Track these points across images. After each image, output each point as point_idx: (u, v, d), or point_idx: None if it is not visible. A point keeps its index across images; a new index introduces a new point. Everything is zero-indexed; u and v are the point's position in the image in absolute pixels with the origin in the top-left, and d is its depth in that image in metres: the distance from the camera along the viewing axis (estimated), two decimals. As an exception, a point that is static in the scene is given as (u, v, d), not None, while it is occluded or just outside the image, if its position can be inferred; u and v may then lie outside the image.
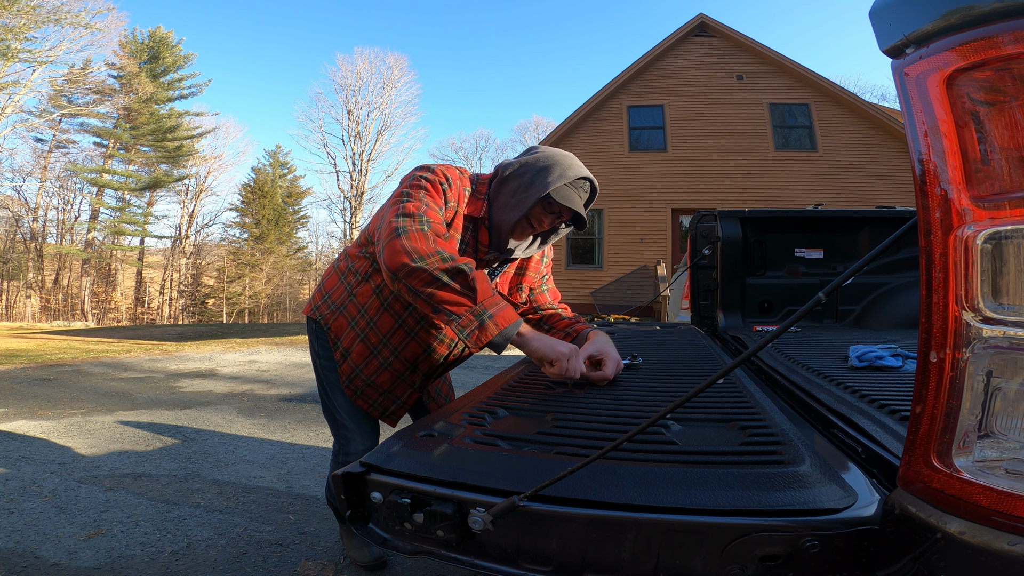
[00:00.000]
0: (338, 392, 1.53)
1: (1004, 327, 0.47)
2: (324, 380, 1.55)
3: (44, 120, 24.68)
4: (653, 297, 9.05)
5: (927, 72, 0.51)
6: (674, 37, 13.49)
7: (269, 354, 7.65)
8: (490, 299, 1.07)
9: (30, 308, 25.52)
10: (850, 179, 12.35)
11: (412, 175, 1.28)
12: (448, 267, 1.06)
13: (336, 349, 1.49)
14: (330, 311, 1.50)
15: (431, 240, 1.10)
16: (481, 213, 1.33)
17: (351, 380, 1.48)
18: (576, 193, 1.30)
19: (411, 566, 1.83)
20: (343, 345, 1.47)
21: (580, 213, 1.29)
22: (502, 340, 1.07)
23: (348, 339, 1.46)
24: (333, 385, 1.53)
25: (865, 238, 2.46)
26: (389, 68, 30.38)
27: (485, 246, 1.36)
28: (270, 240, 31.57)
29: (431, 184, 1.25)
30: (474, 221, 1.34)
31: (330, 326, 1.49)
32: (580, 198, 1.31)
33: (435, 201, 1.23)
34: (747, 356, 0.63)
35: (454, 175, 1.30)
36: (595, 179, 1.34)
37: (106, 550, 1.91)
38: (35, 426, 3.59)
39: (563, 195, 1.27)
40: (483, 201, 1.34)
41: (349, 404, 1.53)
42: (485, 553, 0.67)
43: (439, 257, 1.07)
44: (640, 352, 1.41)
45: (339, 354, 1.48)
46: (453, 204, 1.28)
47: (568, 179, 1.26)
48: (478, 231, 1.35)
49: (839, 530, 0.55)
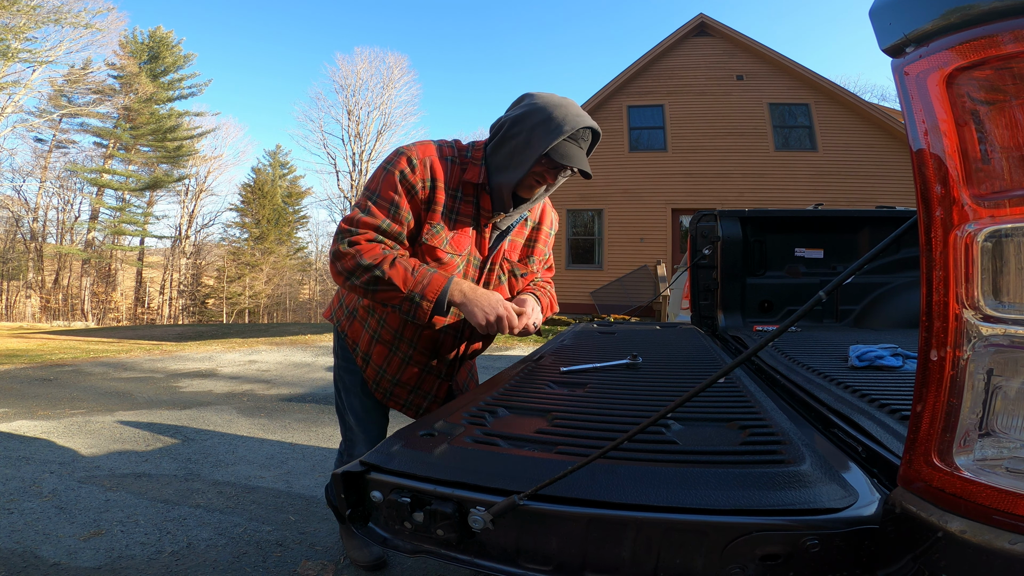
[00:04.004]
0: (351, 395, 1.54)
1: (1004, 325, 0.47)
2: (338, 381, 1.59)
3: (44, 120, 24.72)
4: (653, 297, 9.06)
5: (927, 71, 0.51)
6: (674, 37, 13.49)
7: (269, 354, 7.64)
8: (410, 282, 1.20)
9: (30, 308, 25.52)
10: (850, 179, 12.35)
11: (380, 165, 1.30)
12: (368, 278, 1.21)
13: (356, 355, 1.49)
14: (345, 316, 1.51)
15: (356, 256, 1.21)
16: (480, 179, 1.30)
17: (378, 383, 1.49)
18: (576, 145, 1.24)
19: (411, 566, 1.83)
20: (362, 349, 1.48)
21: (584, 170, 1.24)
22: (441, 306, 1.22)
23: (364, 342, 1.47)
24: (347, 388, 1.55)
25: (865, 238, 2.46)
26: (389, 68, 30.38)
27: (488, 211, 1.34)
28: (270, 240, 31.58)
29: (387, 179, 1.26)
30: (475, 187, 1.32)
31: (346, 332, 1.50)
32: (581, 148, 1.25)
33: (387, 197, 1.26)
34: (747, 356, 0.63)
35: (421, 153, 1.28)
36: (596, 125, 1.28)
37: (106, 550, 1.91)
38: (35, 426, 3.59)
39: (563, 152, 1.21)
40: (480, 167, 1.31)
41: (360, 408, 1.54)
42: (485, 552, 0.67)
43: (361, 269, 1.21)
44: (640, 352, 1.40)
45: (360, 359, 1.49)
46: (422, 184, 1.26)
47: (566, 133, 1.20)
48: (479, 196, 1.33)
49: (840, 529, 0.55)
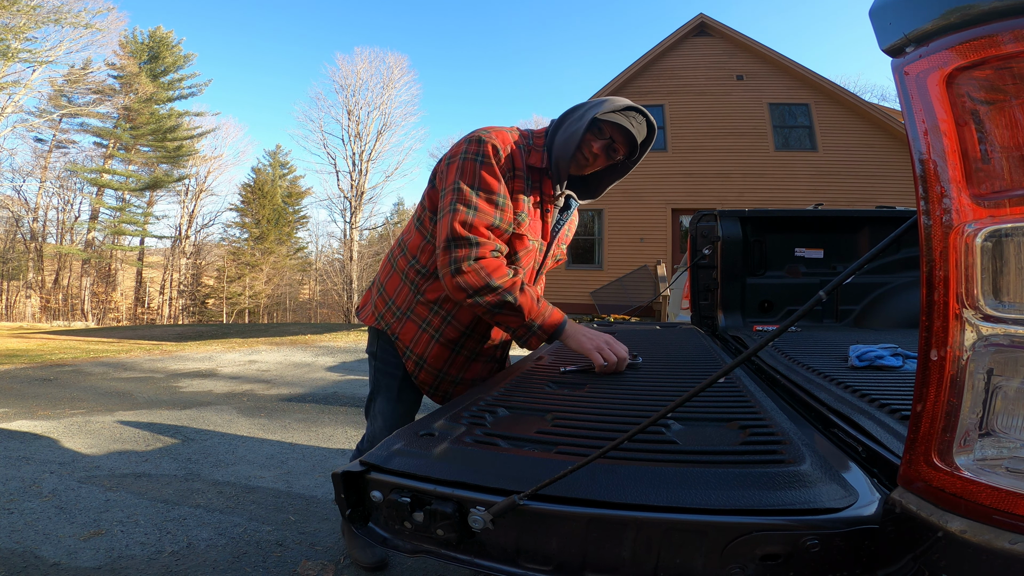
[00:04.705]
0: (384, 400, 1.50)
1: (1005, 325, 0.47)
2: (375, 384, 1.53)
3: (44, 120, 24.69)
4: (653, 297, 9.06)
5: (927, 71, 0.51)
6: (674, 37, 13.49)
7: (269, 354, 7.64)
8: (535, 312, 1.24)
9: (30, 308, 25.52)
10: (850, 179, 12.35)
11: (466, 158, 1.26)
12: (496, 301, 1.21)
13: (408, 358, 1.43)
14: (396, 318, 1.43)
15: (483, 275, 1.21)
16: (543, 164, 1.35)
17: (436, 387, 1.46)
18: (627, 120, 1.31)
19: (411, 566, 1.83)
20: (416, 352, 1.41)
21: (629, 130, 1.31)
22: (550, 341, 1.28)
23: (421, 344, 1.40)
24: (384, 392, 1.50)
25: (865, 238, 2.46)
26: (389, 68, 30.32)
27: (550, 195, 1.39)
28: (270, 240, 31.57)
29: (485, 170, 1.25)
30: (539, 172, 1.37)
31: (398, 335, 1.43)
32: (632, 126, 1.32)
33: (491, 189, 1.25)
34: (747, 356, 0.63)
35: (501, 140, 1.29)
36: (652, 117, 1.36)
37: (106, 550, 1.91)
38: (35, 426, 3.59)
39: (610, 117, 1.29)
40: (542, 152, 1.36)
41: (391, 413, 1.50)
42: (485, 552, 0.67)
43: (490, 290, 1.21)
44: (640, 352, 1.41)
45: (412, 364, 1.43)
46: (508, 172, 1.29)
47: (618, 107, 1.29)
48: (542, 182, 1.38)
49: (840, 529, 0.55)
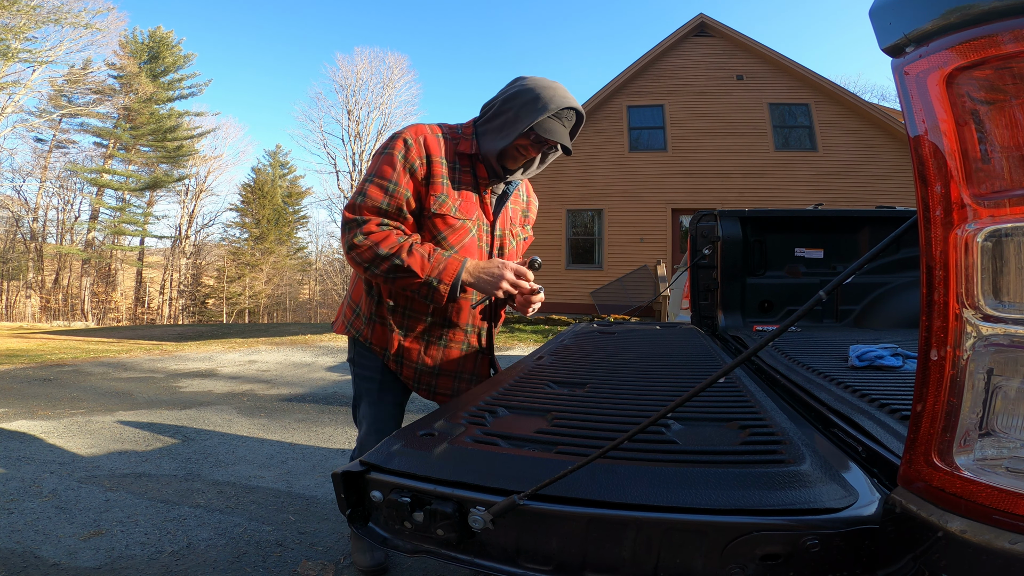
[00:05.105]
0: (367, 405, 1.55)
1: (1005, 325, 0.47)
2: (357, 389, 1.59)
3: (44, 120, 24.72)
4: (653, 297, 9.06)
5: (927, 71, 0.51)
6: (674, 37, 13.49)
7: (269, 354, 7.64)
8: (427, 268, 1.30)
9: (30, 308, 25.52)
10: (850, 179, 12.34)
11: (375, 153, 1.41)
12: (388, 266, 1.30)
13: (387, 359, 1.48)
14: (364, 324, 1.50)
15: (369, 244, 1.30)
16: (473, 150, 1.43)
17: (418, 381, 1.49)
18: (560, 124, 1.37)
19: (411, 566, 1.83)
20: (392, 352, 1.47)
21: (565, 144, 1.38)
22: (455, 289, 1.32)
23: (394, 343, 1.46)
24: (365, 396, 1.55)
25: (865, 238, 2.46)
26: (389, 68, 30.35)
27: (485, 178, 1.46)
28: (270, 240, 31.57)
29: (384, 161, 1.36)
30: (470, 158, 1.45)
31: (371, 340, 1.49)
32: (565, 127, 1.38)
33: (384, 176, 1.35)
34: (747, 356, 0.63)
35: (415, 132, 1.39)
36: (580, 107, 1.40)
37: (106, 550, 1.91)
38: (35, 426, 3.59)
39: (546, 128, 1.35)
40: (472, 140, 1.44)
41: (374, 417, 1.54)
42: (485, 552, 0.67)
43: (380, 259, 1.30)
44: (641, 352, 1.41)
45: (393, 363, 1.48)
46: (419, 161, 1.37)
47: (551, 111, 1.33)
48: (475, 166, 1.46)
49: (840, 529, 0.55)
